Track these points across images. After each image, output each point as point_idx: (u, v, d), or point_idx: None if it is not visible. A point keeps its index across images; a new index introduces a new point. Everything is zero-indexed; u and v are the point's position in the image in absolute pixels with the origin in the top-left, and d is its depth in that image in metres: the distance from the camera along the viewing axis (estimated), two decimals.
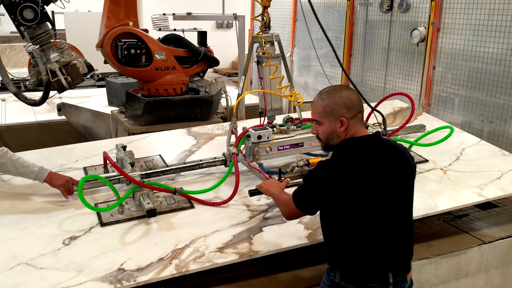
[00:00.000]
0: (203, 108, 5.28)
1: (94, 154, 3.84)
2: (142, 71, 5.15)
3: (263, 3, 3.30)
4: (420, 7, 6.12)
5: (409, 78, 6.34)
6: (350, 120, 2.34)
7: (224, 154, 3.42)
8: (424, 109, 6.06)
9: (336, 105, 2.33)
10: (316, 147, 3.40)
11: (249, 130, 3.18)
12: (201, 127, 4.41)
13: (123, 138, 4.08)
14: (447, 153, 3.86)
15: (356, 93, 2.45)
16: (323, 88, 2.48)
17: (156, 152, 3.85)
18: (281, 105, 3.44)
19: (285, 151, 3.28)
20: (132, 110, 5.10)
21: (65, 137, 5.91)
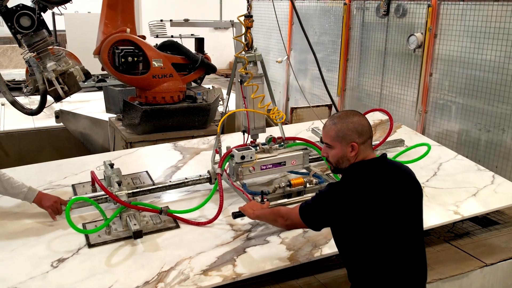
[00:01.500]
0: (200, 117, 5.10)
1: (83, 170, 3.72)
2: (140, 79, 4.96)
3: (246, 24, 3.23)
4: (417, 13, 5.92)
5: (405, 84, 6.15)
6: (360, 145, 2.34)
7: (209, 171, 3.38)
8: (420, 116, 5.88)
9: (348, 130, 2.33)
10: (297, 166, 3.36)
11: (232, 150, 3.11)
12: (187, 142, 4.32)
13: (111, 153, 4.02)
14: (425, 168, 3.79)
15: (366, 118, 2.44)
16: (335, 113, 2.51)
17: (143, 168, 3.76)
18: (264, 124, 3.37)
19: (268, 170, 3.27)
20: (129, 119, 4.91)
21: (63, 143, 5.74)
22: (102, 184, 3.01)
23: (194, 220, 3.07)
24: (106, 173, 3.34)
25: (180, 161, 3.89)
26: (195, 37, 5.53)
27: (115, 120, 5.33)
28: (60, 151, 5.76)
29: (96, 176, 3.14)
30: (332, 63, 7.43)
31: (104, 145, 5.64)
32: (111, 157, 3.88)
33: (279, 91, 8.67)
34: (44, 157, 5.68)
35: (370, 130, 2.40)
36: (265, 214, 2.73)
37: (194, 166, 3.77)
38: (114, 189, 3.12)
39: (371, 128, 2.41)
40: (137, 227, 2.86)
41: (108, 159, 3.72)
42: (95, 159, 3.90)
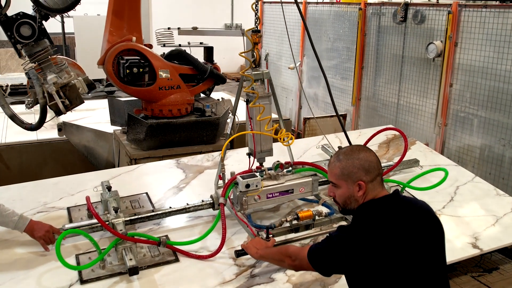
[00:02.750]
0: (209, 131, 4.84)
1: (80, 191, 3.48)
2: (145, 91, 4.71)
3: (253, 40, 2.95)
4: (436, 19, 5.61)
5: (424, 94, 5.85)
6: (368, 184, 2.17)
7: (212, 196, 3.14)
8: (440, 129, 5.57)
9: (354, 167, 2.17)
10: (306, 193, 3.11)
11: (237, 177, 2.84)
12: (190, 158, 4.06)
13: (111, 171, 3.77)
14: (441, 192, 3.52)
15: (374, 154, 2.24)
16: (341, 148, 2.30)
17: (143, 188, 3.52)
18: (271, 147, 3.10)
19: (274, 199, 3.00)
20: (134, 134, 4.66)
21: (67, 157, 5.51)
22: (96, 214, 2.77)
23: (195, 253, 2.83)
24: (103, 197, 3.10)
25: (183, 181, 3.64)
26: (204, 46, 5.26)
27: (120, 134, 5.09)
28: (63, 165, 5.53)
29: (91, 204, 2.88)
30: (347, 71, 7.13)
31: (108, 159, 5.40)
32: (110, 175, 3.65)
33: (291, 99, 8.38)
34: (46, 172, 5.48)
35: (379, 166, 2.22)
36: (270, 254, 2.51)
37: (197, 187, 3.53)
38: (110, 216, 2.90)
39: (379, 163, 2.23)
40: (133, 263, 2.62)
41: (107, 178, 3.52)
42: (94, 177, 3.66)
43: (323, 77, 3.34)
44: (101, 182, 3.29)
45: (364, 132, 4.56)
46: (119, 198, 3.12)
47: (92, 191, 3.36)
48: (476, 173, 5.16)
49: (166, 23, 12.42)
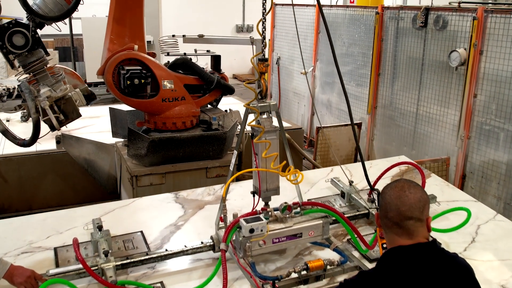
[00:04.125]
0: (215, 146, 4.49)
1: (69, 228, 3.15)
2: (148, 103, 4.37)
3: (259, 69, 2.60)
4: (460, 25, 5.21)
5: (445, 104, 5.45)
6: (394, 227, 1.89)
7: (213, 237, 2.81)
8: (463, 142, 5.17)
9: (384, 205, 1.93)
10: (316, 237, 2.75)
11: (240, 220, 2.50)
12: (190, 192, 3.71)
13: (104, 206, 3.44)
14: (460, 232, 3.13)
15: (421, 192, 1.92)
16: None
17: (138, 226, 3.19)
18: (278, 185, 2.76)
19: (281, 244, 2.66)
20: (135, 149, 4.33)
21: (67, 169, 5.19)
22: (83, 260, 2.45)
23: None
24: (93, 237, 2.78)
25: (181, 218, 3.30)
26: (211, 54, 4.91)
27: (121, 147, 4.76)
28: (63, 177, 5.23)
29: (78, 248, 2.54)
30: (362, 77, 6.74)
31: (110, 173, 5.09)
32: (104, 210, 3.34)
33: (304, 104, 8.01)
34: (46, 185, 5.19)
35: (419, 206, 1.88)
36: None
37: (196, 225, 3.21)
38: (100, 260, 2.57)
39: (422, 204, 1.89)
40: None
41: (99, 214, 3.21)
42: (85, 212, 3.34)
43: (340, 83, 3.00)
44: (92, 220, 2.98)
45: (376, 164, 4.21)
46: (111, 238, 2.82)
47: (82, 229, 3.05)
48: (502, 191, 4.78)
49: (176, 23, 12.11)
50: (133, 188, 4.36)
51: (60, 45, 11.32)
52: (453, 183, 5.29)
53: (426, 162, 5.19)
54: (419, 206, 1.88)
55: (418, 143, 5.88)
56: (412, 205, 1.86)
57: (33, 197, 5.18)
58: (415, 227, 1.87)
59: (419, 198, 1.89)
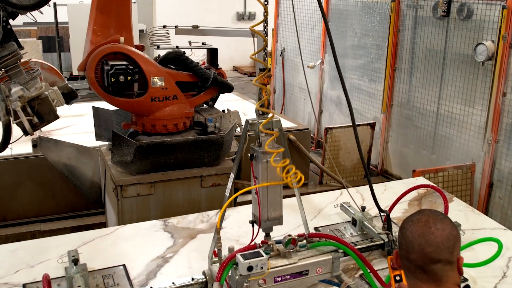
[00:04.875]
0: (211, 151, 4.19)
1: (41, 261, 2.83)
2: (135, 103, 4.07)
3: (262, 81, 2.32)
4: (487, 15, 4.89)
5: (470, 103, 5.14)
6: (412, 272, 1.62)
7: (205, 273, 2.53)
8: (490, 146, 4.87)
9: (403, 243, 1.67)
10: (325, 274, 2.43)
11: (236, 256, 2.21)
12: (180, 218, 3.40)
13: (82, 235, 3.15)
14: (489, 266, 2.78)
15: (450, 230, 1.62)
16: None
17: (120, 258, 2.88)
18: (281, 213, 2.46)
19: (284, 283, 2.34)
20: (120, 155, 4.03)
21: (46, 176, 4.90)
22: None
23: None
24: (67, 272, 2.49)
25: (170, 249, 2.99)
26: (207, 48, 4.60)
27: (106, 151, 4.45)
28: (41, 184, 4.93)
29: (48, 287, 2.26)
30: (376, 72, 6.42)
31: (94, 180, 4.79)
32: (81, 240, 3.03)
33: (311, 101, 7.71)
34: (22, 194, 4.90)
35: (447, 247, 1.59)
36: None
37: (187, 258, 2.92)
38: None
39: (449, 244, 1.60)
40: None
41: (77, 245, 2.91)
42: (60, 242, 3.03)
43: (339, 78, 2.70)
44: (68, 252, 2.70)
45: (390, 186, 3.87)
46: (88, 274, 2.53)
47: (56, 261, 2.76)
48: None
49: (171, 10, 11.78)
50: (117, 199, 4.06)
51: (44, 34, 10.99)
52: (478, 193, 5.00)
53: (448, 168, 4.89)
54: (448, 246, 1.58)
55: (439, 146, 5.56)
56: (440, 245, 1.57)
57: (7, 207, 4.87)
58: (444, 271, 1.57)
59: (448, 236, 1.59)
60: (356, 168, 6.32)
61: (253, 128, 2.36)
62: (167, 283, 2.47)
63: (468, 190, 4.92)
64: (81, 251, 2.74)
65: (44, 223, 5.02)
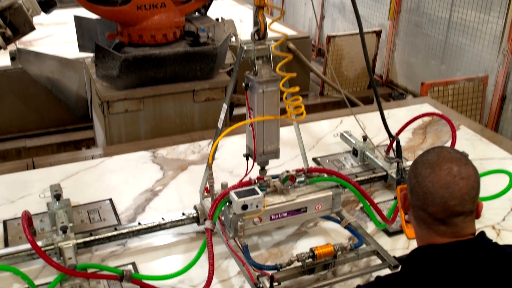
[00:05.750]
0: (203, 64, 3.93)
1: (23, 196, 2.68)
2: (118, 12, 3.76)
3: (257, 2, 2.00)
4: None
5: (486, 10, 4.82)
6: (429, 220, 1.42)
7: (196, 208, 2.37)
8: (505, 58, 4.60)
9: (420, 192, 1.44)
10: (324, 211, 2.27)
11: (230, 193, 2.04)
12: (170, 149, 3.20)
13: (66, 168, 2.95)
14: (498, 199, 2.62)
15: (472, 174, 1.40)
16: None
17: (106, 192, 2.74)
18: (278, 146, 2.25)
19: (281, 220, 2.19)
20: (104, 69, 3.77)
21: (28, 90, 4.69)
22: (33, 241, 2.00)
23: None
24: (50, 208, 2.35)
25: (159, 182, 2.82)
26: None
27: (90, 64, 4.19)
28: (24, 100, 4.70)
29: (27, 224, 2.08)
30: None
31: (79, 94, 4.56)
32: (65, 174, 2.86)
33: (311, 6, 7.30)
34: (4, 109, 4.71)
35: (471, 197, 1.39)
36: None
37: (177, 191, 2.77)
38: (57, 238, 2.15)
39: (474, 193, 1.40)
40: None
41: (60, 178, 2.75)
42: (43, 176, 2.87)
43: None
44: (50, 186, 2.55)
45: (393, 114, 3.60)
46: (72, 209, 2.39)
47: (38, 196, 2.61)
48: None
49: None
50: (104, 116, 3.86)
51: None
52: (489, 106, 4.79)
53: (459, 81, 4.66)
54: (472, 196, 1.39)
55: (450, 56, 5.29)
56: (465, 197, 1.37)
57: None
58: (465, 223, 1.40)
59: (473, 184, 1.39)
60: (359, 78, 6.08)
61: (249, 55, 2.10)
62: (156, 218, 2.32)
63: (479, 104, 4.71)
64: (64, 185, 2.61)
65: (30, 138, 4.85)
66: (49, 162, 3.09)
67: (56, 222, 2.28)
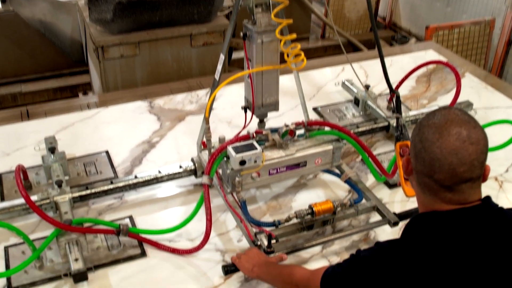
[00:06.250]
0: (201, 7, 3.81)
1: (18, 148, 2.64)
2: None
3: None
4: None
5: None
6: (435, 186, 1.34)
7: (194, 160, 2.34)
8: None
9: (420, 157, 1.36)
10: (324, 165, 2.22)
11: (227, 148, 2.00)
12: (167, 99, 3.13)
13: (62, 119, 2.90)
14: (502, 150, 2.58)
15: (482, 138, 1.32)
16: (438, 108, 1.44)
17: (102, 144, 2.70)
18: (277, 98, 2.18)
19: (279, 175, 2.15)
20: (98, 13, 3.66)
21: (21, 32, 4.55)
22: (27, 196, 1.96)
23: (169, 245, 2.08)
24: (44, 162, 2.32)
25: (156, 133, 2.77)
26: None
27: (83, 6, 4.07)
28: (18, 43, 4.57)
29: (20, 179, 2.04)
30: None
31: (74, 37, 4.45)
32: (60, 125, 2.81)
33: None
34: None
35: (480, 162, 1.31)
36: (270, 275, 1.78)
37: (175, 143, 2.73)
38: (52, 192, 2.13)
39: (483, 157, 1.32)
40: (79, 266, 1.88)
41: (55, 130, 2.70)
42: (37, 127, 2.82)
43: None
44: (44, 139, 2.50)
45: (397, 61, 3.49)
46: (67, 163, 2.36)
47: (33, 149, 2.57)
48: None
49: None
50: (99, 61, 3.78)
51: None
52: (495, 51, 4.69)
53: (465, 24, 4.52)
54: (481, 161, 1.32)
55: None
56: (474, 162, 1.29)
57: None
58: (472, 189, 1.33)
59: (482, 149, 1.31)
60: (362, 20, 5.93)
61: (247, 3, 2.00)
62: (153, 171, 2.30)
63: (485, 48, 4.60)
64: (60, 137, 2.57)
65: (25, 83, 4.77)
66: (44, 110, 3.04)
67: (52, 175, 2.26)
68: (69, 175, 2.35)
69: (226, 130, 2.74)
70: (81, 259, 1.91)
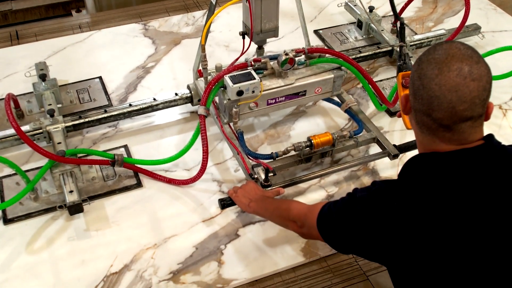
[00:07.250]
0: None
1: (8, 74, 2.56)
2: None
3: None
4: None
5: None
6: (434, 125, 1.26)
7: (190, 87, 2.27)
8: None
9: (418, 94, 1.28)
10: (324, 94, 2.15)
11: (224, 78, 1.92)
12: (163, 21, 2.98)
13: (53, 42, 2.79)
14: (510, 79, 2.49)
15: (485, 73, 1.22)
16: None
17: (95, 69, 2.61)
18: (277, 24, 2.07)
19: (278, 105, 2.09)
20: None
21: None
22: (17, 127, 1.90)
23: (165, 175, 2.07)
24: (36, 89, 2.26)
25: (151, 58, 2.67)
26: None
27: None
28: None
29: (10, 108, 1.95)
30: None
31: None
32: (51, 49, 2.71)
33: None
34: None
35: (482, 100, 1.22)
36: (267, 210, 1.76)
37: (170, 68, 2.63)
38: (45, 122, 2.09)
39: (485, 94, 1.23)
40: (75, 198, 1.86)
41: (46, 55, 2.62)
42: (29, 52, 2.71)
43: None
44: (35, 64, 2.42)
45: None
46: (59, 90, 2.29)
47: (23, 75, 2.49)
48: None
49: None
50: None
51: None
52: None
53: None
54: (483, 98, 1.23)
55: None
56: (475, 100, 1.21)
57: None
58: (473, 128, 1.26)
59: (484, 86, 1.22)
60: None
61: None
62: (148, 96, 2.26)
63: None
64: (51, 63, 2.51)
65: (16, 1, 4.59)
66: (34, 32, 2.95)
67: (44, 104, 2.21)
68: (62, 103, 2.31)
69: (224, 54, 2.65)
70: (76, 191, 1.90)
